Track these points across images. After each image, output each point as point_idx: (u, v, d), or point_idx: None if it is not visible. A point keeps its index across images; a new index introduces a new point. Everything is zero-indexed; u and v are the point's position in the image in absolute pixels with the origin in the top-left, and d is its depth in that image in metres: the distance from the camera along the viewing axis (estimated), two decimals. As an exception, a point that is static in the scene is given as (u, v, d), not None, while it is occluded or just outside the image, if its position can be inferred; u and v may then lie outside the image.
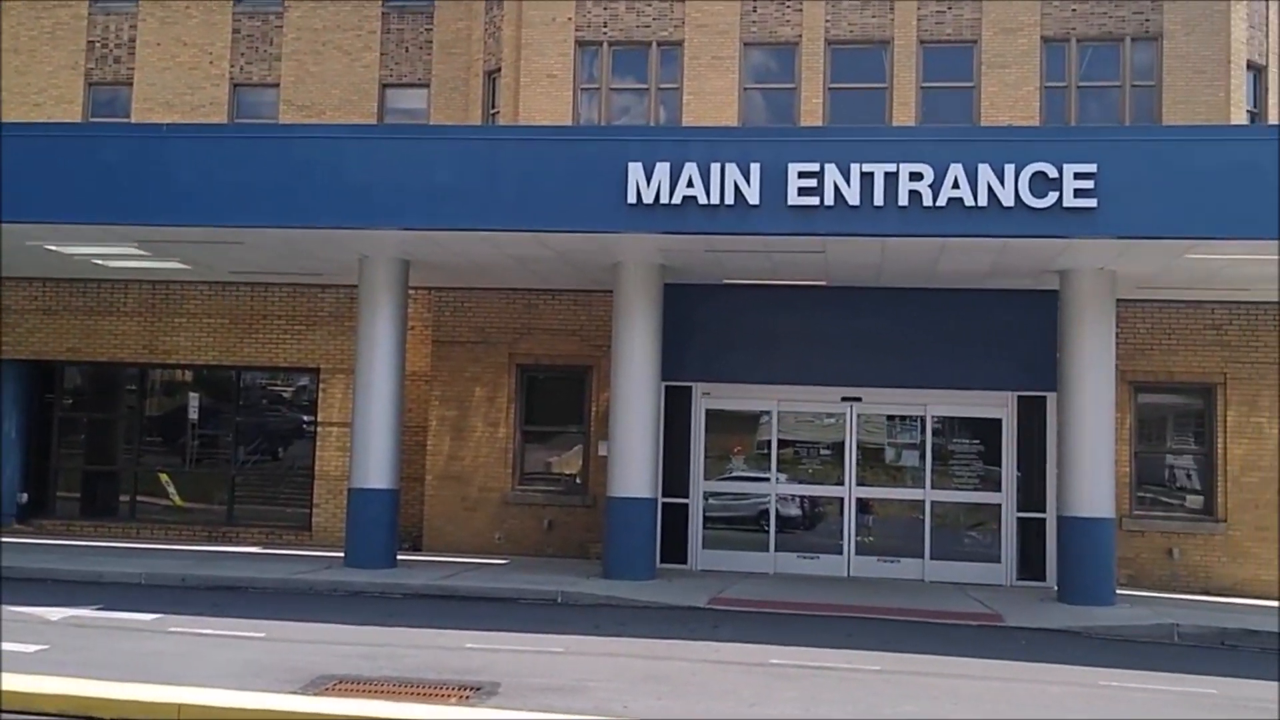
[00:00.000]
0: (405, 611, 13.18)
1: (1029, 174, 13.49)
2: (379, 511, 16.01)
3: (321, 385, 19.59)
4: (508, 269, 17.05)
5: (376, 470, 16.05)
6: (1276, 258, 14.17)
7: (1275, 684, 10.84)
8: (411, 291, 17.78)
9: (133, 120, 22.37)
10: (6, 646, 9.91)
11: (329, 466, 19.27)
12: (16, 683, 8.32)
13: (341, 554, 16.36)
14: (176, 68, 22.83)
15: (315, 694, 8.64)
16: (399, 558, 16.35)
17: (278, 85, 22.64)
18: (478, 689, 9.11)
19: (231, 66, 22.82)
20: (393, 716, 8.02)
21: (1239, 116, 18.63)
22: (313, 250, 16.23)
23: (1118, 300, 15.60)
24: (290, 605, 13.25)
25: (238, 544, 18.96)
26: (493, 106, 21.11)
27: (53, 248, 16.69)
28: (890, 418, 18.02)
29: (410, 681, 9.32)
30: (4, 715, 7.87)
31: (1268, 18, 19.67)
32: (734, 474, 18.23)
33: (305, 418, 20.08)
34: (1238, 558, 17.13)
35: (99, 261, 17.84)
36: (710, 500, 18.03)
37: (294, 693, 8.62)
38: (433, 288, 19.09)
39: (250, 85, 22.85)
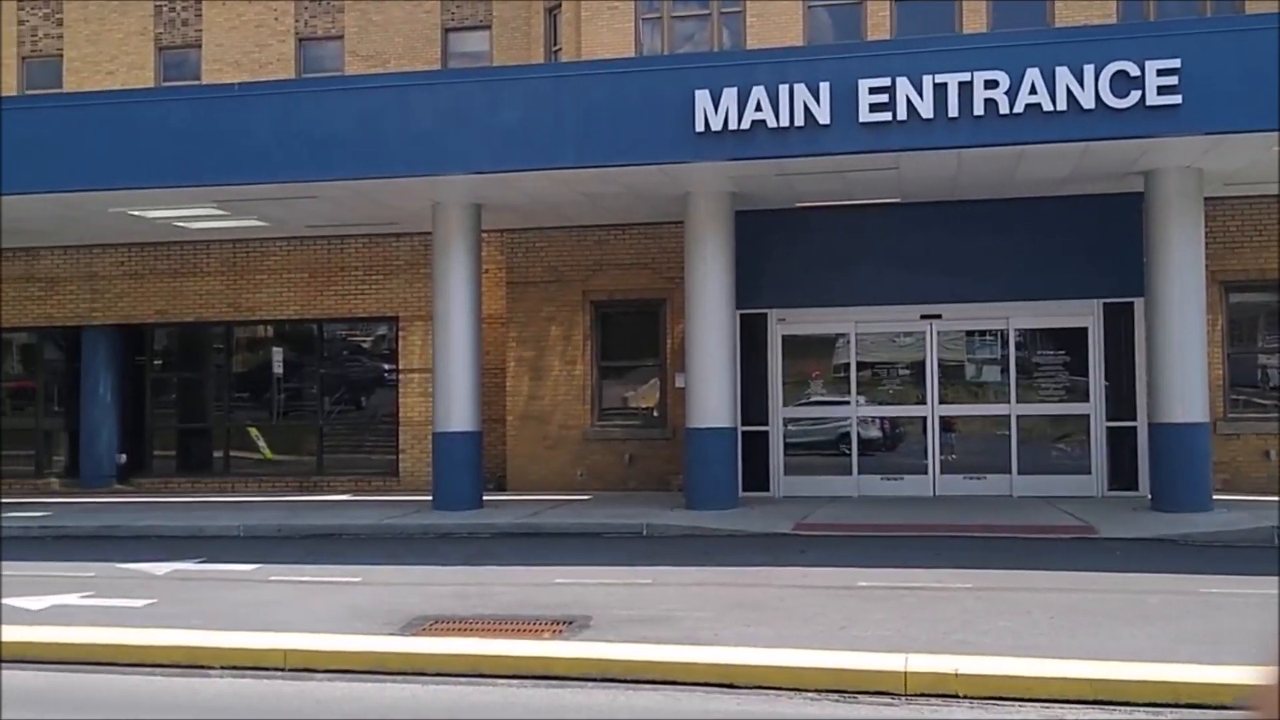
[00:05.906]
0: (494, 550, 13.36)
1: (1109, 74, 13.12)
2: (463, 454, 16.18)
3: (401, 333, 19.79)
4: (578, 206, 17.02)
5: (459, 414, 16.21)
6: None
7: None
8: (484, 235, 17.83)
9: (203, 81, 22.59)
10: (117, 602, 10.25)
11: (412, 413, 19.51)
12: (128, 636, 8.61)
13: (429, 497, 16.61)
14: (243, 26, 22.97)
15: (414, 634, 8.80)
16: (484, 498, 16.53)
17: (342, 37, 22.68)
18: (570, 623, 9.20)
19: (296, 21, 22.90)
20: (490, 652, 8.15)
21: (1326, 0, 17.82)
22: (386, 200, 16.32)
23: (1205, 198, 15.14)
24: (382, 549, 13.52)
25: (328, 493, 19.37)
26: (555, 43, 20.94)
27: (135, 213, 16.98)
28: (970, 333, 17.77)
29: (504, 618, 9.44)
30: (119, 669, 8.13)
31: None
32: (813, 399, 18.12)
33: (386, 366, 20.33)
34: (1339, 457, 16.69)
35: (180, 224, 18.13)
36: (790, 426, 17.95)
37: (393, 634, 8.79)
38: (504, 230, 19.12)
39: (315, 39, 22.93)
